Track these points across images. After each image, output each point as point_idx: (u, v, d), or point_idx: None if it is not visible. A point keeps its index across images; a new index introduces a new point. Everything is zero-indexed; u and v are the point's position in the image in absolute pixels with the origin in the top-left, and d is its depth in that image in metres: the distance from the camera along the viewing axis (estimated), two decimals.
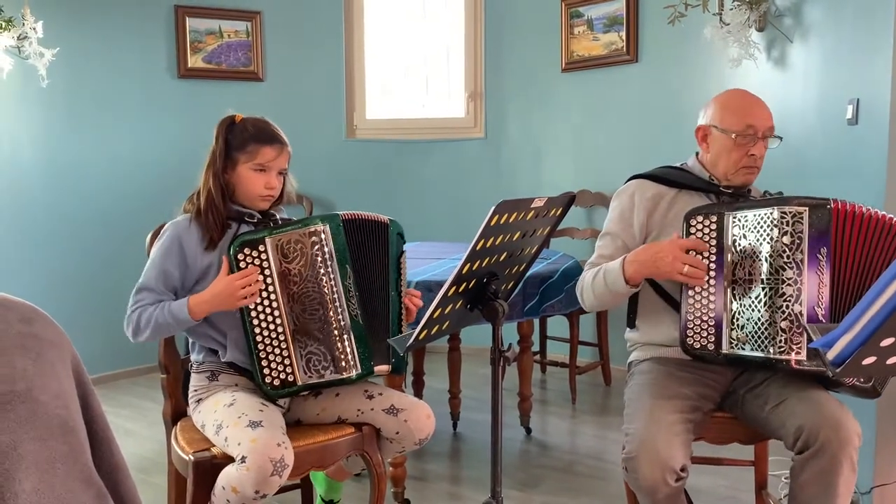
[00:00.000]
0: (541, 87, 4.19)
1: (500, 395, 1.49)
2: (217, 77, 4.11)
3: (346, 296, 1.78)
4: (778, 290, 1.72)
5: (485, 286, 1.49)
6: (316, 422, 1.86)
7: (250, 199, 1.83)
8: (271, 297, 1.74)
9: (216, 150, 1.82)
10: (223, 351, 1.80)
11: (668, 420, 1.69)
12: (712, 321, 1.79)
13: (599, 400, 3.62)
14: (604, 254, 1.98)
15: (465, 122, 4.45)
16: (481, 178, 4.37)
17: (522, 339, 2.94)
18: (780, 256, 1.72)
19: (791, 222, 1.71)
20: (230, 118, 1.85)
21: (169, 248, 1.77)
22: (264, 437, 1.61)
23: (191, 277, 1.79)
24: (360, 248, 1.83)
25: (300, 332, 1.74)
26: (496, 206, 1.33)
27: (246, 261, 1.73)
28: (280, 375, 1.75)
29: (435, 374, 3.56)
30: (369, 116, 4.47)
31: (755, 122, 1.89)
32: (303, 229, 1.75)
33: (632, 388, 1.89)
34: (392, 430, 1.83)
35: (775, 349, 1.71)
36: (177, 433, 1.83)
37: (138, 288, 1.76)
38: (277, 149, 1.82)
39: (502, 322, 1.48)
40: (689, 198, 1.95)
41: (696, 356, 1.81)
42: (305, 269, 1.74)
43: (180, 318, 1.72)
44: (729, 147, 1.90)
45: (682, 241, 1.79)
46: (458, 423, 3.16)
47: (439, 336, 1.50)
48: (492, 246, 1.42)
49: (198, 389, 1.83)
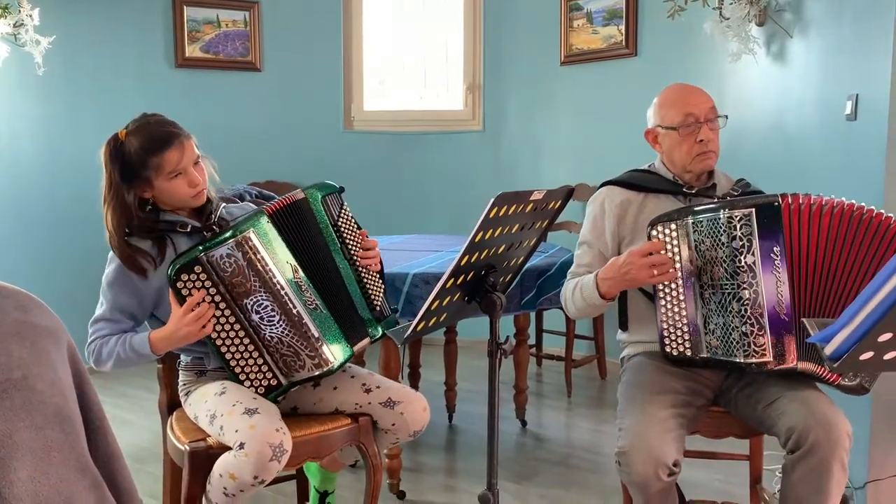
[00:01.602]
0: (540, 80, 4.18)
1: (496, 387, 1.49)
2: (215, 67, 4.09)
3: (298, 292, 1.72)
4: (736, 294, 1.72)
5: (483, 278, 1.48)
6: (313, 411, 1.86)
7: (182, 203, 1.75)
8: (226, 312, 1.67)
9: (111, 181, 1.69)
10: (207, 360, 1.79)
11: (659, 416, 1.69)
12: (686, 327, 1.80)
13: (595, 393, 3.63)
14: (582, 262, 2.01)
15: (464, 114, 4.44)
16: (479, 171, 4.36)
17: (519, 332, 2.95)
18: (732, 261, 1.72)
19: (739, 225, 1.71)
20: (113, 139, 1.71)
21: (115, 279, 1.70)
22: (262, 422, 1.60)
23: (148, 302, 1.73)
24: (295, 234, 1.76)
25: (266, 340, 1.70)
26: (495, 197, 1.33)
27: (187, 286, 1.65)
28: (263, 382, 1.72)
29: (431, 366, 3.56)
30: (367, 108, 4.46)
31: (693, 110, 1.92)
32: (232, 241, 1.65)
33: (624, 383, 1.90)
34: (388, 422, 1.83)
35: (741, 354, 1.72)
36: (172, 423, 1.83)
37: (95, 318, 1.71)
38: (177, 148, 1.69)
39: (500, 314, 1.48)
40: (657, 201, 1.97)
41: (676, 363, 1.82)
42: (247, 279, 1.66)
43: (142, 353, 1.67)
44: (677, 141, 1.93)
45: (638, 249, 1.79)
46: (454, 416, 3.16)
47: (437, 328, 1.50)
48: (490, 238, 1.41)
49: (186, 383, 1.83)
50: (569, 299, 1.96)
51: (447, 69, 4.50)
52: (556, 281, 2.66)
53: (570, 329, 3.53)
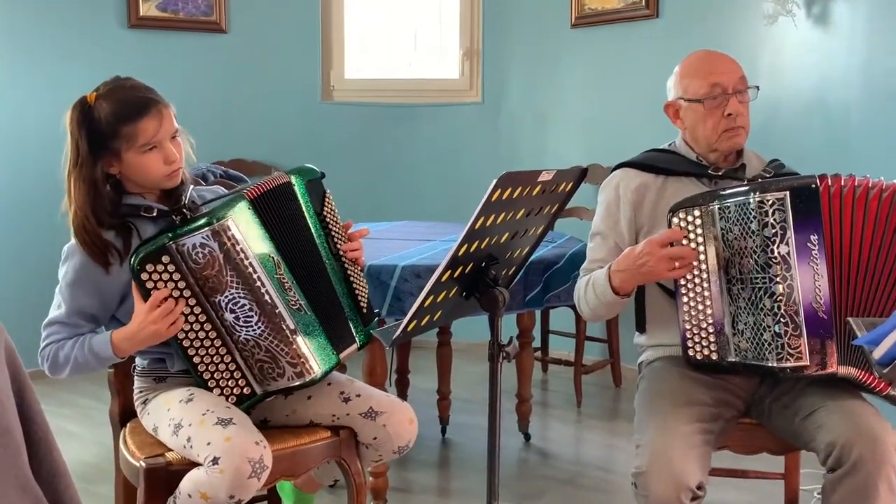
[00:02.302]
0: (547, 45, 4.17)
1: (498, 396, 1.50)
2: (173, 27, 4.06)
3: (281, 290, 1.70)
4: (768, 289, 1.72)
5: (483, 271, 1.48)
6: (285, 423, 1.86)
7: (155, 183, 1.72)
8: (196, 310, 1.66)
9: (77, 149, 1.66)
10: (171, 361, 1.77)
11: (683, 430, 1.70)
12: (712, 328, 1.80)
13: (608, 403, 3.63)
14: (596, 257, 2.00)
15: (460, 84, 4.42)
16: (477, 150, 4.36)
17: (522, 334, 2.95)
18: (764, 252, 1.72)
19: (771, 211, 1.71)
20: (80, 102, 1.68)
21: (76, 278, 1.68)
22: (239, 434, 1.60)
23: (111, 300, 1.72)
24: (278, 224, 1.75)
25: (240, 342, 1.69)
26: (499, 178, 1.33)
27: (152, 279, 1.62)
28: (235, 391, 1.72)
29: (422, 371, 3.56)
30: (348, 76, 4.44)
31: (720, 79, 1.92)
32: (207, 229, 1.62)
33: (642, 392, 1.90)
34: (369, 435, 1.82)
35: (774, 357, 1.72)
36: (125, 436, 1.82)
37: (50, 321, 1.70)
38: (155, 116, 1.66)
39: (502, 312, 1.49)
40: (678, 185, 1.97)
41: (700, 368, 1.83)
42: (223, 273, 1.64)
43: (103, 356, 1.66)
44: (701, 115, 1.93)
45: (656, 238, 1.79)
46: (448, 428, 3.17)
47: (430, 328, 1.50)
48: (492, 225, 1.41)
49: (143, 391, 1.82)
50: (581, 298, 1.96)
51: (441, 32, 4.48)
52: (566, 275, 2.66)
53: (581, 330, 3.54)
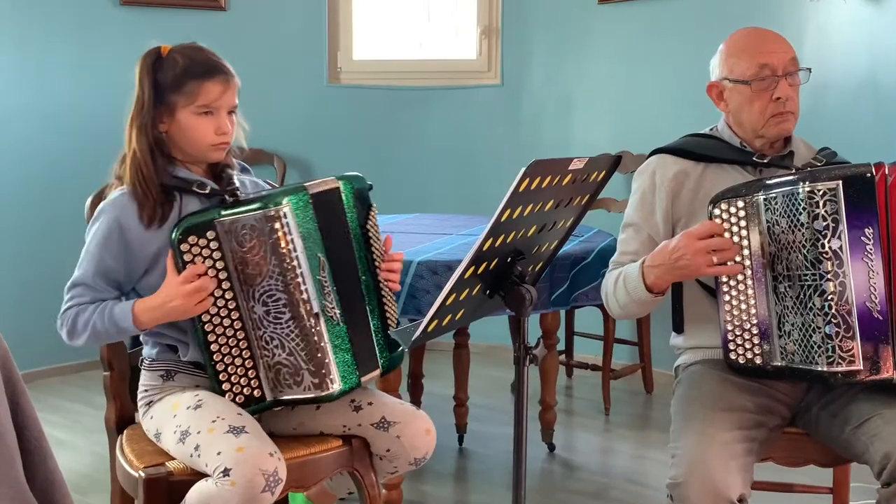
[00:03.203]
0: (573, 22, 4.16)
1: (524, 402, 1.51)
2: (168, 5, 4.07)
3: (321, 293, 1.73)
4: (818, 287, 1.72)
5: (509, 267, 1.49)
6: (292, 436, 1.86)
7: (199, 151, 1.79)
8: (226, 296, 1.71)
9: (142, 98, 1.76)
10: (184, 349, 1.80)
11: (723, 438, 1.69)
12: (756, 329, 1.80)
13: (639, 411, 3.64)
14: (627, 250, 2.00)
15: (477, 65, 4.42)
16: (495, 137, 4.35)
17: (546, 336, 2.95)
18: (814, 246, 1.71)
19: (822, 202, 1.70)
20: (154, 52, 1.79)
21: (106, 235, 1.73)
22: (253, 444, 1.61)
23: (137, 267, 1.77)
24: (328, 228, 1.79)
25: (265, 340, 1.72)
26: (528, 166, 1.33)
27: (192, 252, 1.69)
28: (243, 391, 1.74)
29: (437, 376, 3.56)
30: (357, 57, 4.44)
31: (769, 59, 1.91)
32: (260, 212, 1.69)
33: (679, 397, 1.90)
34: (382, 447, 1.83)
35: (824, 361, 1.71)
36: (123, 443, 1.83)
37: (73, 283, 1.74)
38: (222, 82, 1.78)
39: (529, 312, 1.49)
40: (720, 173, 1.96)
41: (743, 373, 1.82)
42: (266, 262, 1.69)
43: (123, 327, 1.70)
44: (748, 98, 1.93)
45: (694, 230, 1.79)
46: (465, 437, 3.18)
47: (451, 328, 1.51)
48: (519, 217, 1.42)
49: (149, 390, 1.83)
50: (610, 294, 1.96)
51: (456, 9, 4.48)
52: (594, 271, 2.65)
53: (609, 331, 3.54)
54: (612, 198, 3.81)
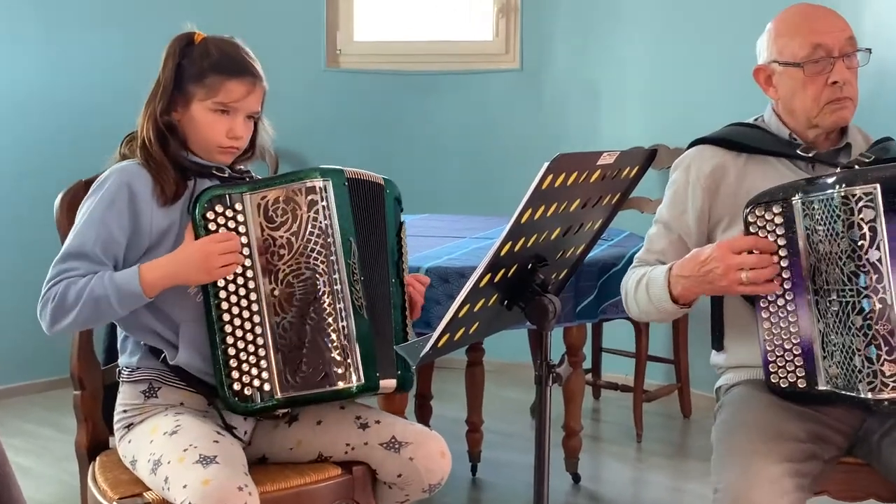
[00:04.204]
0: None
1: (546, 427, 1.50)
2: None
3: (350, 280, 1.79)
4: (856, 304, 1.71)
5: (529, 275, 1.49)
6: (288, 459, 1.87)
7: (206, 150, 1.84)
8: (247, 274, 1.75)
9: (161, 80, 1.82)
10: (171, 351, 1.80)
11: (771, 472, 1.69)
12: (798, 349, 1.80)
13: (675, 438, 3.63)
14: (655, 248, 2.01)
15: (493, 47, 4.43)
16: (514, 127, 4.35)
17: (571, 352, 2.95)
18: (850, 258, 1.71)
19: (857, 208, 1.69)
20: (186, 36, 1.85)
21: (114, 199, 1.76)
22: (220, 477, 1.61)
23: (139, 243, 1.79)
24: (361, 217, 1.84)
25: (283, 327, 1.75)
26: (552, 160, 1.33)
27: (217, 222, 1.74)
28: (253, 382, 1.75)
29: (447, 397, 3.56)
30: (358, 38, 4.46)
31: (824, 40, 1.90)
32: (295, 185, 1.76)
33: (721, 424, 1.89)
34: (393, 472, 1.83)
35: (865, 387, 1.71)
36: (95, 471, 1.83)
37: (66, 254, 1.74)
38: (248, 84, 1.83)
39: (552, 325, 1.49)
40: (765, 167, 1.96)
41: (787, 397, 1.82)
42: (297, 239, 1.75)
43: (127, 290, 1.70)
44: (801, 82, 1.92)
45: (729, 243, 1.79)
46: (479, 466, 3.17)
47: (464, 343, 1.51)
48: (541, 218, 1.42)
49: (128, 410, 1.83)
50: (630, 294, 1.97)
51: None
52: None
53: (642, 347, 3.53)
54: (645, 197, 3.80)
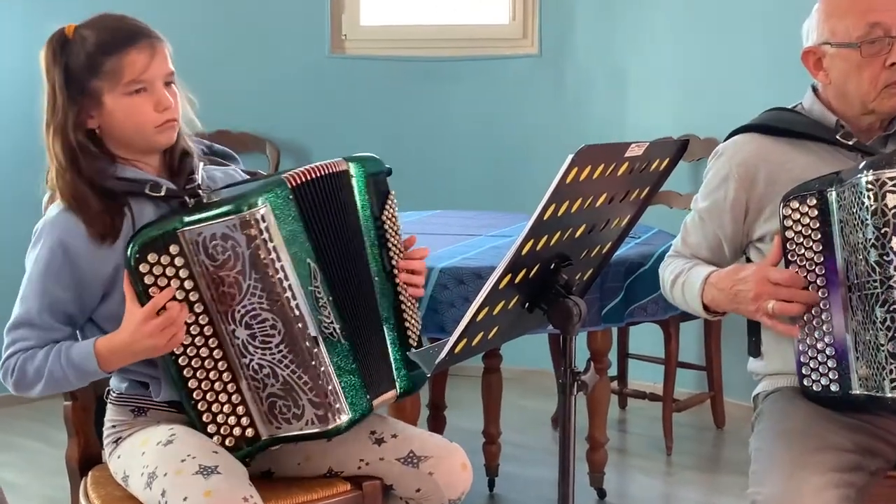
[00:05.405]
0: None
1: (571, 439, 1.51)
2: None
3: (315, 306, 1.74)
4: (879, 296, 1.72)
5: (552, 275, 1.49)
6: (296, 474, 1.88)
7: (144, 138, 1.76)
8: (200, 321, 1.70)
9: (52, 93, 1.72)
10: (156, 387, 1.80)
11: (815, 484, 1.69)
12: (831, 350, 1.80)
13: (707, 450, 3.63)
14: (690, 240, 2.05)
15: (510, 31, 4.43)
16: (534, 117, 4.35)
17: (596, 358, 2.94)
18: (875, 247, 1.71)
19: (881, 194, 1.70)
20: (57, 34, 1.75)
21: (49, 261, 1.72)
22: (223, 487, 1.62)
23: (92, 295, 1.76)
24: (322, 224, 1.79)
25: (252, 368, 1.72)
26: (577, 152, 1.33)
27: (153, 273, 1.67)
28: (233, 431, 1.74)
29: (462, 406, 3.57)
30: (364, 23, 4.47)
31: (881, 18, 1.88)
32: (232, 217, 1.67)
33: (761, 433, 1.90)
34: (411, 487, 1.84)
35: (888, 386, 1.71)
36: (87, 487, 1.84)
37: (16, 322, 1.74)
38: (147, 48, 1.73)
39: (577, 329, 1.49)
40: (809, 156, 1.95)
41: (822, 403, 1.83)
42: (245, 278, 1.68)
43: (85, 370, 1.70)
44: (856, 64, 1.90)
45: (769, 270, 1.81)
46: (497, 481, 3.17)
47: (482, 349, 1.51)
48: (565, 214, 1.42)
49: (116, 425, 1.85)
50: (666, 287, 2.03)
51: None
52: (653, 281, 2.63)
53: (671, 353, 3.52)
54: (675, 191, 3.80)
